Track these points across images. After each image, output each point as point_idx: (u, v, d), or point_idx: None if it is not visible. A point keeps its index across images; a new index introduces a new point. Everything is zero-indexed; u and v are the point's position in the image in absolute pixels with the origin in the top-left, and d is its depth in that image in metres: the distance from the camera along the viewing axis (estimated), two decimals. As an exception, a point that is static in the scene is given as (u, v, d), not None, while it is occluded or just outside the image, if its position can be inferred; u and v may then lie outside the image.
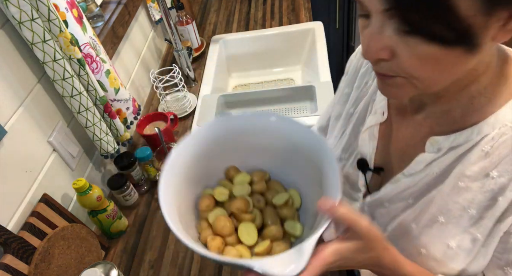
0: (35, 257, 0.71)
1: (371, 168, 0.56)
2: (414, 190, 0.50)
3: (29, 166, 0.79)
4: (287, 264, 0.38)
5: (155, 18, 1.46)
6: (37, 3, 0.73)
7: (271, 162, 0.57)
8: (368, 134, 0.56)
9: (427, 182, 0.48)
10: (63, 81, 0.81)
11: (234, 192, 0.54)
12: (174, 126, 1.17)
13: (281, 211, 0.52)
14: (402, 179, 0.51)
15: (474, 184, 0.45)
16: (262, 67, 1.59)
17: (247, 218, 0.51)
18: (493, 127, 0.43)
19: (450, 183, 0.46)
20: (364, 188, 0.57)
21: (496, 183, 0.43)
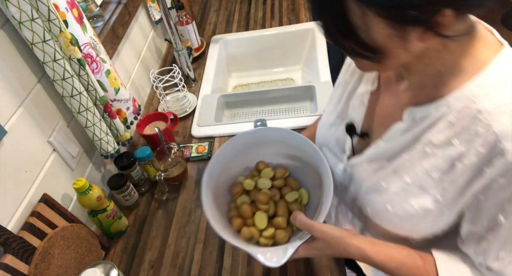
0: (35, 257, 0.71)
1: (358, 133, 0.63)
2: (389, 153, 0.56)
3: (29, 166, 0.79)
4: (273, 257, 0.58)
5: (155, 18, 1.46)
6: (37, 3, 0.73)
7: (292, 163, 0.76)
8: (358, 101, 0.62)
9: (401, 147, 0.54)
10: (63, 81, 0.81)
11: (258, 185, 0.72)
12: (174, 126, 1.17)
13: (290, 206, 0.70)
14: (381, 144, 0.57)
15: (439, 151, 0.50)
16: (262, 67, 1.59)
17: (263, 209, 0.69)
18: (458, 100, 0.48)
19: (419, 149, 0.52)
20: (349, 151, 0.64)
21: (456, 151, 0.48)
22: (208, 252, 0.88)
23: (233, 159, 0.75)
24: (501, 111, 0.44)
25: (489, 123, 0.45)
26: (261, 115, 1.32)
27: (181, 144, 1.16)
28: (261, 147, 0.75)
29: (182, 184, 1.04)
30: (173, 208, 0.99)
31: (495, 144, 0.44)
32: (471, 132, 0.46)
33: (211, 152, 1.10)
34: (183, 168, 1.03)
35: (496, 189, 0.46)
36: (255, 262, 0.83)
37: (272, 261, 0.57)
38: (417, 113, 0.51)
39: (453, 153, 0.48)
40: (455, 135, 0.48)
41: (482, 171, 0.46)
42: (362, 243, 0.55)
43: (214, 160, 0.72)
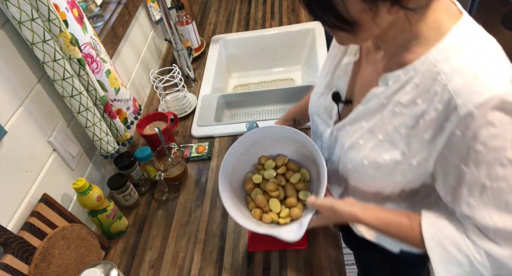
0: (35, 257, 0.71)
1: (342, 100, 0.70)
2: (366, 115, 0.63)
3: (29, 166, 0.79)
4: (291, 233, 0.72)
5: (155, 18, 1.46)
6: (37, 3, 0.73)
7: (287, 150, 0.87)
8: (342, 72, 0.69)
9: (375, 108, 0.61)
10: (63, 81, 0.81)
11: (265, 176, 0.84)
12: (174, 126, 1.17)
13: (296, 185, 0.83)
14: (360, 107, 0.64)
15: (405, 110, 0.57)
16: (262, 67, 1.59)
17: (274, 195, 0.82)
18: (423, 64, 0.54)
19: (390, 110, 0.59)
20: (336, 116, 0.71)
21: (419, 109, 0.55)
22: (208, 252, 0.88)
23: (239, 159, 0.85)
24: (456, 72, 0.51)
25: (445, 83, 0.51)
26: (261, 115, 1.32)
27: (181, 144, 1.16)
28: (258, 144, 0.85)
29: (182, 184, 1.04)
30: (173, 208, 0.99)
31: (450, 101, 0.51)
32: (431, 92, 0.53)
33: (211, 152, 1.10)
34: (183, 168, 1.03)
35: (455, 141, 0.52)
36: (254, 264, 0.83)
37: (292, 236, 0.71)
38: (390, 78, 0.58)
39: (417, 111, 0.55)
40: (419, 95, 0.55)
41: (443, 127, 0.53)
42: (354, 209, 0.65)
43: (224, 164, 0.81)
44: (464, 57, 0.51)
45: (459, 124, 0.50)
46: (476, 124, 0.49)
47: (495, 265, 0.55)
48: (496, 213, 0.53)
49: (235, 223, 0.92)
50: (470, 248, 0.56)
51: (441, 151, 0.54)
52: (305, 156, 0.85)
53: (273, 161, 0.86)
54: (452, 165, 0.54)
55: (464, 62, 0.51)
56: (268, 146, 0.88)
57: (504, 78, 0.50)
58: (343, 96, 0.70)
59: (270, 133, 0.84)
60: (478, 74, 0.50)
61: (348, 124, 0.67)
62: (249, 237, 0.88)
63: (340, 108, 0.70)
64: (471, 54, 0.51)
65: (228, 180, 0.82)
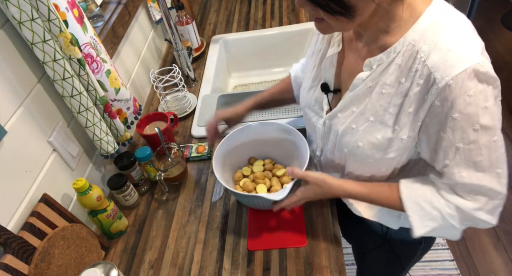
0: (35, 257, 0.71)
1: (331, 90, 0.74)
2: (355, 100, 0.67)
3: (29, 166, 0.79)
4: (275, 195, 0.79)
5: (155, 18, 1.46)
6: (37, 3, 0.73)
7: (276, 153, 0.98)
8: (329, 63, 0.73)
9: (363, 92, 0.65)
10: (63, 81, 0.81)
11: (254, 170, 0.96)
12: (174, 126, 1.17)
13: (281, 179, 0.93)
14: (349, 94, 0.68)
15: (391, 89, 0.62)
16: (262, 67, 1.59)
17: (261, 182, 0.92)
18: (403, 45, 0.59)
19: (377, 92, 0.63)
20: (327, 106, 0.75)
21: (404, 87, 0.60)
22: (208, 252, 0.88)
23: (230, 157, 0.95)
24: (433, 49, 0.56)
25: (424, 60, 0.56)
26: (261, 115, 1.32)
27: (181, 144, 1.16)
28: (248, 144, 0.97)
29: (182, 184, 1.04)
30: (173, 208, 0.99)
31: (429, 75, 0.56)
32: (413, 69, 0.58)
33: (211, 152, 1.10)
34: (183, 168, 1.03)
35: (435, 111, 0.58)
36: (254, 264, 0.83)
37: (275, 196, 0.78)
38: (373, 62, 0.62)
39: (402, 89, 0.60)
40: (402, 74, 0.59)
41: (424, 99, 0.58)
42: (341, 181, 0.74)
43: (215, 160, 0.90)
44: (439, 34, 0.57)
45: (438, 95, 0.56)
46: (453, 94, 0.55)
47: (462, 216, 0.65)
48: (466, 171, 0.61)
49: (235, 223, 0.92)
50: (442, 203, 0.65)
51: (423, 120, 0.60)
52: (293, 157, 0.94)
53: (262, 161, 0.98)
54: (432, 131, 0.60)
55: (439, 39, 0.56)
56: (258, 147, 0.98)
57: (476, 50, 0.55)
58: (332, 86, 0.74)
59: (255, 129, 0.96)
60: (453, 49, 0.55)
61: (339, 112, 0.71)
62: (248, 236, 0.88)
63: (330, 98, 0.75)
64: (444, 32, 0.57)
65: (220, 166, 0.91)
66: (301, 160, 0.89)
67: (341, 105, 0.70)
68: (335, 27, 0.60)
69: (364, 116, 0.66)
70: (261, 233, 0.88)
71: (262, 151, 0.99)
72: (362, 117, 0.67)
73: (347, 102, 0.68)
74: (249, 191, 0.90)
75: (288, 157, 0.97)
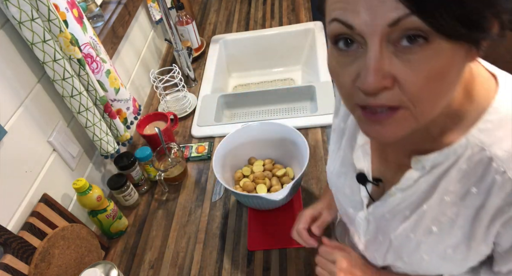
0: (35, 257, 0.71)
1: (370, 180, 0.60)
2: (408, 203, 0.54)
3: (29, 166, 0.79)
4: (276, 194, 0.79)
5: (155, 18, 1.46)
6: (37, 3, 0.73)
7: (276, 153, 0.99)
8: (361, 152, 0.59)
9: (418, 196, 0.53)
10: (63, 81, 0.81)
11: (254, 170, 0.96)
12: (174, 126, 1.17)
13: (281, 179, 0.94)
14: (397, 193, 0.55)
15: (458, 199, 0.49)
16: (262, 67, 1.59)
17: (261, 182, 0.93)
18: (466, 148, 0.46)
19: (438, 198, 0.51)
20: (366, 199, 0.61)
21: (476, 199, 0.48)
22: (208, 252, 0.88)
23: (230, 157, 0.95)
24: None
25: (504, 170, 0.45)
26: (261, 115, 1.32)
27: (181, 144, 1.16)
28: (248, 144, 0.97)
29: (182, 184, 1.04)
30: (173, 208, 0.99)
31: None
32: (488, 179, 0.46)
33: (211, 152, 1.10)
34: (183, 168, 1.03)
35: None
36: (254, 264, 0.83)
37: (275, 195, 0.78)
38: (426, 162, 0.50)
39: (474, 201, 0.48)
40: (473, 183, 0.47)
41: (503, 211, 0.47)
42: None
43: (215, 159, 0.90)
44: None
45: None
46: None
47: None
48: None
49: (235, 223, 0.92)
50: None
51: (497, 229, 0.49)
52: (293, 157, 0.95)
53: (262, 161, 0.98)
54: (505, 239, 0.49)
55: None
56: (258, 147, 0.98)
57: None
58: (369, 176, 0.60)
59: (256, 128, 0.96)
60: None
61: (387, 213, 0.58)
62: (248, 236, 0.88)
63: (369, 188, 0.61)
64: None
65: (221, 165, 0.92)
66: (301, 160, 0.89)
67: (390, 206, 0.57)
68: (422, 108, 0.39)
69: (424, 225, 0.54)
70: (261, 233, 0.88)
71: (262, 151, 0.99)
72: (421, 226, 0.54)
73: (397, 204, 0.56)
74: (249, 191, 0.90)
75: (288, 157, 0.97)
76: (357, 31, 0.36)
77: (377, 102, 0.38)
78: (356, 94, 0.40)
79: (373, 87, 0.36)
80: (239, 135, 0.95)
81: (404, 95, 0.37)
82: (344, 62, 0.39)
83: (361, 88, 0.37)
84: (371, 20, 0.34)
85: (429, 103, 0.39)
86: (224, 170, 0.93)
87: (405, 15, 0.33)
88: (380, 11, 0.34)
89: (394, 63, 0.36)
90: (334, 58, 0.41)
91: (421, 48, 0.35)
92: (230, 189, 0.82)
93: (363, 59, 0.37)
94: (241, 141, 0.96)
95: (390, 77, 0.36)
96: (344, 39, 0.38)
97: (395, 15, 0.33)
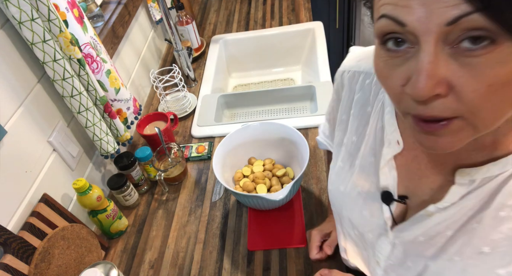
0: (35, 257, 0.71)
1: (395, 199, 0.53)
2: (451, 222, 0.47)
3: (29, 166, 0.79)
4: (276, 194, 0.79)
5: (155, 18, 1.46)
6: (37, 3, 0.73)
7: (276, 153, 0.99)
8: (389, 168, 0.52)
9: (465, 213, 0.46)
10: (63, 81, 0.81)
11: (254, 170, 0.96)
12: (174, 126, 1.17)
13: (281, 179, 0.94)
14: (436, 212, 0.48)
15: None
16: (262, 67, 1.59)
17: (261, 182, 0.92)
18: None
19: (491, 214, 0.44)
20: (390, 221, 0.54)
21: None
22: (208, 252, 0.88)
23: (229, 155, 0.95)
24: None
25: None
26: (261, 115, 1.32)
27: (181, 144, 1.16)
28: (248, 144, 0.98)
29: (182, 184, 1.04)
30: (173, 208, 0.99)
31: None
32: None
33: (211, 152, 1.10)
34: (183, 168, 1.03)
35: None
36: (254, 264, 0.83)
37: (275, 195, 0.78)
38: (476, 175, 0.43)
39: None
40: None
41: None
42: None
43: (215, 159, 0.90)
44: None
45: None
46: None
47: None
48: None
49: (235, 223, 0.92)
50: None
51: None
52: (293, 157, 0.95)
53: (262, 161, 0.98)
54: None
55: None
56: (258, 147, 0.99)
57: None
58: (395, 193, 0.53)
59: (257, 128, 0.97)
60: None
61: (421, 235, 0.50)
62: (248, 236, 0.88)
63: (392, 209, 0.54)
64: None
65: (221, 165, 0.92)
66: (301, 160, 0.89)
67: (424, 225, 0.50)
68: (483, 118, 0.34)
69: (471, 245, 0.47)
70: (261, 233, 0.88)
71: (262, 151, 0.99)
72: (468, 246, 0.47)
73: (436, 222, 0.48)
74: (249, 191, 0.90)
75: (288, 157, 0.97)
76: (409, 29, 0.31)
77: (428, 113, 0.34)
78: (405, 101, 0.35)
79: (425, 94, 0.31)
80: (239, 135, 0.95)
81: (461, 105, 0.32)
82: (393, 64, 0.35)
83: (411, 94, 0.33)
84: (426, 17, 0.30)
85: (492, 113, 0.33)
86: (224, 170, 0.93)
87: (467, 13, 0.28)
88: (437, 7, 0.29)
89: (451, 67, 0.31)
90: (381, 59, 0.36)
91: (486, 50, 0.29)
92: (230, 189, 0.82)
93: (414, 61, 0.32)
94: (241, 141, 0.96)
95: (445, 83, 0.31)
96: (394, 39, 0.34)
97: (455, 13, 0.28)
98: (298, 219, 0.89)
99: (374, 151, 0.54)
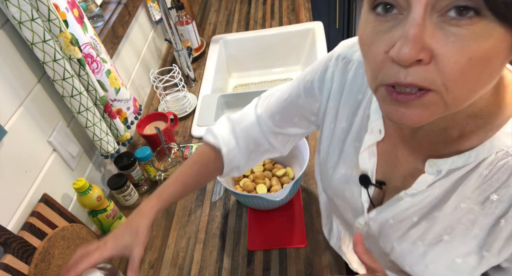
0: (35, 257, 0.71)
1: (373, 183, 0.56)
2: (418, 209, 0.51)
3: (29, 166, 0.79)
4: (276, 194, 0.80)
5: (155, 18, 1.46)
6: (37, 3, 0.73)
7: None
8: (368, 153, 0.55)
9: (430, 201, 0.49)
10: (63, 81, 0.81)
11: (254, 170, 0.97)
12: (174, 126, 1.17)
13: (281, 179, 0.94)
14: (405, 197, 0.51)
15: (476, 206, 0.46)
16: (262, 67, 1.59)
17: (261, 182, 0.93)
18: (489, 151, 0.43)
19: (452, 204, 0.47)
20: (367, 203, 0.57)
21: (497, 207, 0.44)
22: (208, 252, 0.88)
23: None
24: None
25: None
26: (261, 115, 1.32)
27: (181, 144, 1.16)
28: None
29: (182, 184, 1.04)
30: (173, 208, 0.99)
31: None
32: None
33: (211, 152, 1.10)
34: (183, 168, 1.03)
35: None
36: (254, 264, 0.83)
37: (275, 195, 0.79)
38: (443, 166, 0.46)
39: (495, 209, 0.45)
40: (492, 189, 0.44)
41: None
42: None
43: None
44: None
45: None
46: None
47: None
48: None
49: (235, 223, 0.92)
50: None
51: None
52: (293, 157, 0.94)
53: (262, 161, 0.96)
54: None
55: None
56: None
57: None
58: (373, 178, 0.56)
59: None
60: None
61: (391, 218, 0.54)
62: (248, 236, 0.88)
63: (370, 192, 0.57)
64: None
65: None
66: (301, 160, 0.89)
67: (394, 209, 0.53)
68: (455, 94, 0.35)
69: (434, 233, 0.50)
70: (261, 233, 0.88)
71: None
72: (430, 232, 0.51)
73: (404, 207, 0.52)
74: (249, 191, 0.90)
75: (288, 157, 0.97)
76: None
77: (407, 80, 0.34)
78: (385, 69, 0.36)
79: (409, 57, 0.32)
80: None
81: (439, 75, 0.33)
82: (380, 29, 0.35)
83: (395, 57, 0.33)
84: None
85: (465, 90, 0.35)
86: None
87: None
88: None
89: (436, 35, 0.32)
90: (369, 25, 0.37)
91: (471, 21, 0.31)
92: (230, 189, 0.82)
93: (401, 27, 0.33)
94: None
95: (429, 51, 0.32)
96: (384, 4, 0.34)
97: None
98: (298, 219, 0.89)
99: (360, 137, 0.57)
